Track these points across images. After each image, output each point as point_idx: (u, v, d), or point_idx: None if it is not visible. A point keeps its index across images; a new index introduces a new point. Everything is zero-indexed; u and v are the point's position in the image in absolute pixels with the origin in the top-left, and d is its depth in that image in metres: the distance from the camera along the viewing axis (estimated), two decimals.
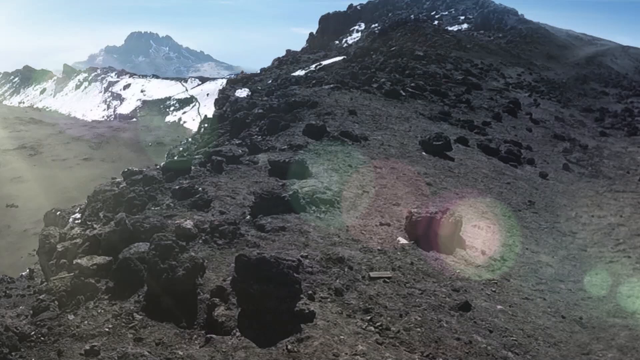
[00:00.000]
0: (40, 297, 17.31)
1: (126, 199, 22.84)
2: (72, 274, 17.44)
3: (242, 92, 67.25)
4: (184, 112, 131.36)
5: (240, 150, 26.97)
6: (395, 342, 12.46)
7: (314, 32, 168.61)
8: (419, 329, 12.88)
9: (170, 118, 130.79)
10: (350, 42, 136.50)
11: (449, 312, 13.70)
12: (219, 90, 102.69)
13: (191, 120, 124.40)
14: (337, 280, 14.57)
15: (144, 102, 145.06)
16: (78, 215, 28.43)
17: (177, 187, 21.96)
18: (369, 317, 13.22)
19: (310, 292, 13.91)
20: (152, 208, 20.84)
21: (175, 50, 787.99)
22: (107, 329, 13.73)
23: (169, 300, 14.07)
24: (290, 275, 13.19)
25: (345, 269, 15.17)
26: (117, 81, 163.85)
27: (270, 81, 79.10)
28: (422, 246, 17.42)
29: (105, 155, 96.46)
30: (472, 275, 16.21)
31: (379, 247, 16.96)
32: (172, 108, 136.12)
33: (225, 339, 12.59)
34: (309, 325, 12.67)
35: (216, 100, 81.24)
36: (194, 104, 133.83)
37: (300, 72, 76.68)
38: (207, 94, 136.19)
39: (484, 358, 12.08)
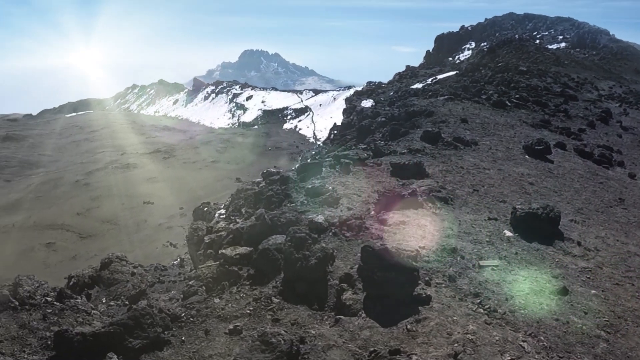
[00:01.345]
0: (190, 283, 17.75)
1: (265, 197, 23.29)
2: (217, 262, 17.83)
3: (367, 103, 67.61)
4: (300, 120, 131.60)
5: (365, 154, 27.24)
6: (502, 322, 12.53)
7: (430, 50, 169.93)
8: (522, 311, 12.97)
9: (287, 125, 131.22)
10: (462, 58, 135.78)
11: (549, 296, 13.75)
12: (346, 100, 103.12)
13: (305, 127, 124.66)
14: (451, 268, 14.71)
15: (264, 112, 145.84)
16: (223, 211, 28.93)
17: (309, 186, 22.28)
18: (478, 301, 13.32)
19: (427, 278, 14.03)
20: (288, 204, 21.11)
21: (283, 66, 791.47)
22: (248, 311, 14.10)
23: (303, 285, 14.33)
24: (409, 263, 13.32)
25: (458, 258, 15.34)
26: (241, 93, 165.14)
27: (391, 93, 79.17)
28: (525, 238, 17.50)
29: (230, 158, 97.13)
30: (569, 263, 16.14)
31: (487, 239, 17.06)
32: (288, 117, 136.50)
33: (352, 319, 12.80)
34: (425, 308, 12.79)
35: (344, 109, 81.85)
36: (308, 113, 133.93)
37: (418, 85, 76.79)
38: (320, 104, 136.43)
39: (579, 337, 12.13)
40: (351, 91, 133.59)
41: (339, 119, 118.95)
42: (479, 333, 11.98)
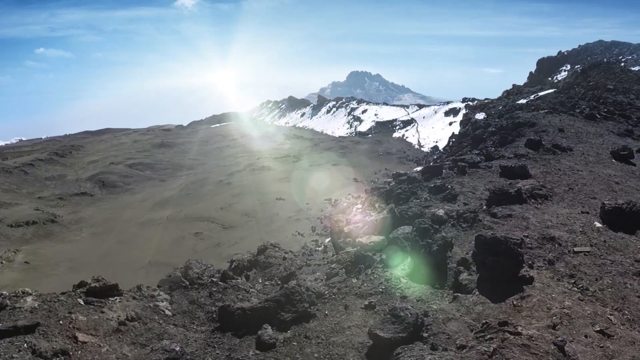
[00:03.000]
0: (332, 266, 18.23)
1: (395, 194, 23.63)
2: (355, 249, 18.34)
3: (480, 115, 67.56)
4: (406, 130, 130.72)
5: (478, 158, 27.38)
6: (592, 299, 12.61)
7: (532, 72, 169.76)
8: (610, 289, 13.02)
9: (395, 134, 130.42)
10: (559, 78, 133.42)
11: (632, 277, 13.70)
12: (464, 113, 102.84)
13: (411, 136, 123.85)
14: (550, 254, 14.77)
15: (377, 123, 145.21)
16: (359, 206, 29.37)
17: (432, 185, 22.60)
18: (573, 281, 13.40)
19: (530, 262, 14.16)
20: (414, 200, 21.40)
21: (383, 85, 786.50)
22: (380, 289, 14.47)
23: (426, 268, 14.57)
24: (515, 250, 13.43)
25: (556, 245, 15.37)
26: (357, 107, 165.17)
27: (500, 107, 78.80)
28: (612, 228, 17.33)
29: (348, 161, 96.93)
30: None
31: (580, 229, 16.92)
32: (397, 127, 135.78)
33: (468, 296, 13.07)
34: (529, 287, 12.94)
35: (461, 121, 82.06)
36: (413, 124, 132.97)
37: (522, 101, 76.10)
38: (423, 117, 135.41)
39: None
40: (449, 106, 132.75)
41: (439, 129, 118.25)
42: (574, 308, 12.10)
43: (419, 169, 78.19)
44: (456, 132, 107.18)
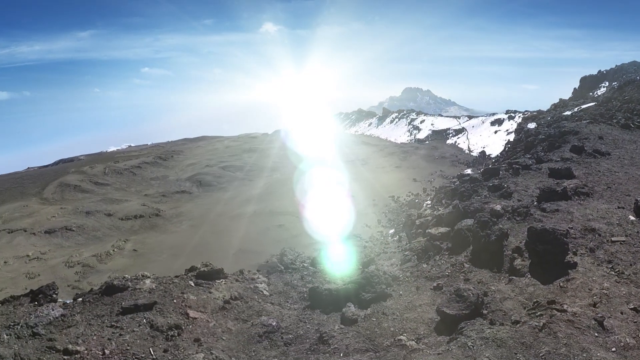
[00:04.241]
0: (405, 253, 18.63)
1: (459, 192, 23.94)
2: (425, 238, 18.62)
3: (531, 125, 67.08)
4: (458, 137, 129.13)
5: (530, 161, 27.41)
6: (627, 281, 12.74)
7: (576, 87, 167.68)
8: None
9: (449, 141, 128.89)
10: (599, 93, 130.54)
11: None
12: (518, 123, 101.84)
13: (462, 142, 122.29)
14: (591, 243, 14.90)
15: (433, 131, 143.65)
16: (429, 202, 29.66)
17: (490, 184, 22.79)
18: (610, 266, 13.54)
19: (574, 250, 14.30)
20: (475, 197, 21.56)
21: (432, 99, 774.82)
22: (447, 273, 14.82)
23: (486, 255, 14.84)
24: (562, 239, 13.61)
25: (596, 236, 15.46)
26: (416, 118, 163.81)
27: (549, 118, 78.10)
28: None
29: (408, 164, 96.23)
30: None
31: (617, 222, 16.95)
32: (450, 135, 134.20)
33: (521, 279, 13.28)
34: (573, 271, 13.12)
35: (515, 130, 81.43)
36: (464, 132, 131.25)
37: (567, 112, 75.21)
38: (472, 126, 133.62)
39: None
40: (494, 117, 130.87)
41: (486, 137, 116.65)
42: (611, 289, 12.27)
43: (469, 170, 77.43)
44: (501, 140, 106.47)
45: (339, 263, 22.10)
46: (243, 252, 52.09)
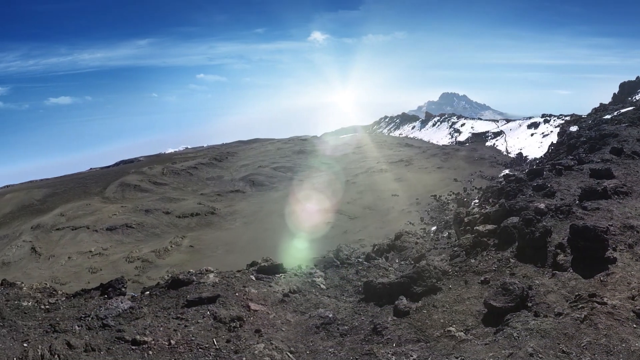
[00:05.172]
0: (454, 249, 18.66)
1: (505, 191, 23.93)
2: (473, 235, 18.57)
3: (573, 128, 66.39)
4: (496, 139, 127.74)
5: (572, 162, 27.06)
6: None
7: (616, 93, 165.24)
8: None
9: (488, 143, 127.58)
10: (637, 98, 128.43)
11: None
12: (560, 125, 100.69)
13: (500, 144, 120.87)
14: (630, 239, 14.74)
15: (473, 134, 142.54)
16: (477, 201, 29.62)
17: (535, 184, 22.61)
18: None
19: (613, 246, 14.15)
20: (520, 196, 21.43)
21: (468, 103, 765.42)
22: (494, 268, 14.79)
23: (530, 251, 14.83)
24: (602, 236, 13.54)
25: (634, 232, 15.24)
26: (457, 121, 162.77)
27: (589, 121, 77.21)
28: None
29: (449, 165, 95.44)
30: None
31: None
32: (489, 137, 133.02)
33: (564, 274, 13.22)
34: (612, 266, 13.03)
35: (558, 132, 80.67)
36: (501, 135, 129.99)
37: (607, 116, 74.41)
38: (510, 129, 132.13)
39: None
40: (531, 120, 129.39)
41: (523, 139, 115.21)
42: None
43: (507, 171, 76.75)
44: (537, 142, 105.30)
45: (393, 257, 22.20)
46: (294, 248, 52.34)
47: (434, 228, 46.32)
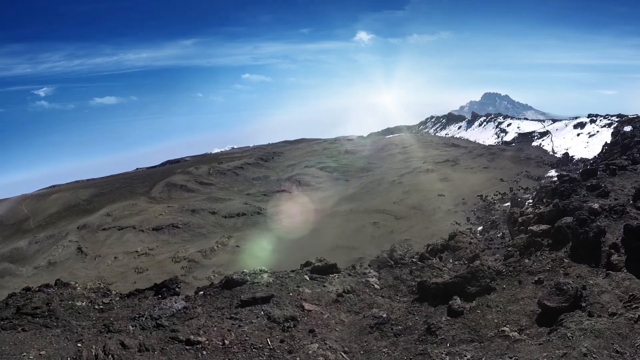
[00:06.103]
0: (509, 249, 18.58)
1: (559, 191, 23.71)
2: (527, 235, 18.50)
3: (627, 128, 65.41)
4: (543, 140, 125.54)
5: (626, 162, 26.84)
6: None
7: None
8: None
9: (534, 143, 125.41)
10: None
11: None
12: (614, 126, 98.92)
13: (546, 144, 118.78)
14: None
15: (519, 134, 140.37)
16: (530, 201, 29.46)
17: (588, 184, 22.49)
18: None
19: None
20: (574, 196, 21.29)
21: (510, 103, 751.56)
22: (547, 268, 14.71)
23: (584, 251, 14.77)
24: None
25: None
26: (503, 121, 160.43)
27: None
28: None
29: (495, 165, 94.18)
30: None
31: None
32: (535, 137, 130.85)
33: (618, 273, 13.14)
34: None
35: (612, 133, 79.29)
36: (548, 135, 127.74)
37: None
38: (556, 129, 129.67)
39: None
40: (577, 120, 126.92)
41: (569, 139, 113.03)
42: None
43: (553, 171, 75.44)
44: (583, 142, 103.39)
45: (447, 257, 22.06)
46: (340, 248, 52.51)
47: (480, 228, 45.97)
